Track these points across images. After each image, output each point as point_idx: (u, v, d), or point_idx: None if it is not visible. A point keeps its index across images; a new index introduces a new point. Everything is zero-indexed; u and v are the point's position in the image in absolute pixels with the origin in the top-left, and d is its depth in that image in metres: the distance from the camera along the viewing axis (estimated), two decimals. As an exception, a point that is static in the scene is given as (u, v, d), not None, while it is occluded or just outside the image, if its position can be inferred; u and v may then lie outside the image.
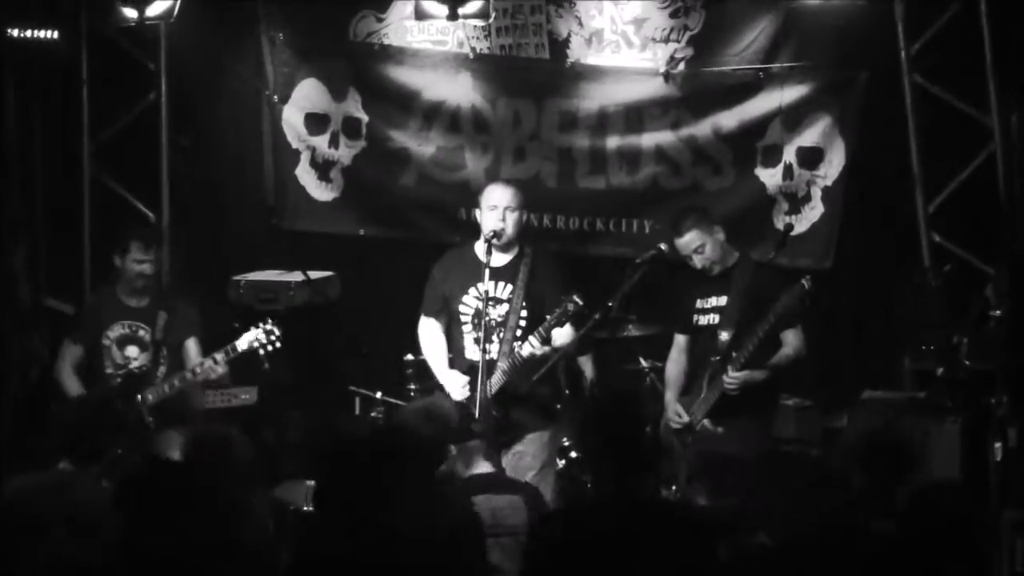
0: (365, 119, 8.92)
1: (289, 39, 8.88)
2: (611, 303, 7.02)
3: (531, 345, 6.96)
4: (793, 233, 8.15)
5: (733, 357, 7.12)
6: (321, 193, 9.02)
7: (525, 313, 7.15)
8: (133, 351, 7.62)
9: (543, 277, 7.24)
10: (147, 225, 8.72)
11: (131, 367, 7.56)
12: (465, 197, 8.66)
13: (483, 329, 6.96)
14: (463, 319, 7.24)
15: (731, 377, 7.11)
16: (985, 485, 7.04)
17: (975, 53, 8.16)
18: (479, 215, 7.32)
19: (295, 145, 8.98)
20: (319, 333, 8.78)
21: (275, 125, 8.98)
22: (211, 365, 7.43)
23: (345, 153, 8.95)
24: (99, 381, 7.54)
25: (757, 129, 8.66)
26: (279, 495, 7.05)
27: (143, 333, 7.62)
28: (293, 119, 8.95)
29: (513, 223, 7.21)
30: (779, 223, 8.59)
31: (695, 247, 7.31)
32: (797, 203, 8.67)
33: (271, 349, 7.49)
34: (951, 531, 4.51)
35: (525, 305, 7.16)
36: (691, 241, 7.31)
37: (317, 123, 8.94)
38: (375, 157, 8.94)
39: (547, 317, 6.94)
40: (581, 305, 6.87)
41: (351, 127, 8.93)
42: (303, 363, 8.73)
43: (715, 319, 7.32)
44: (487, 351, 6.97)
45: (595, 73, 8.75)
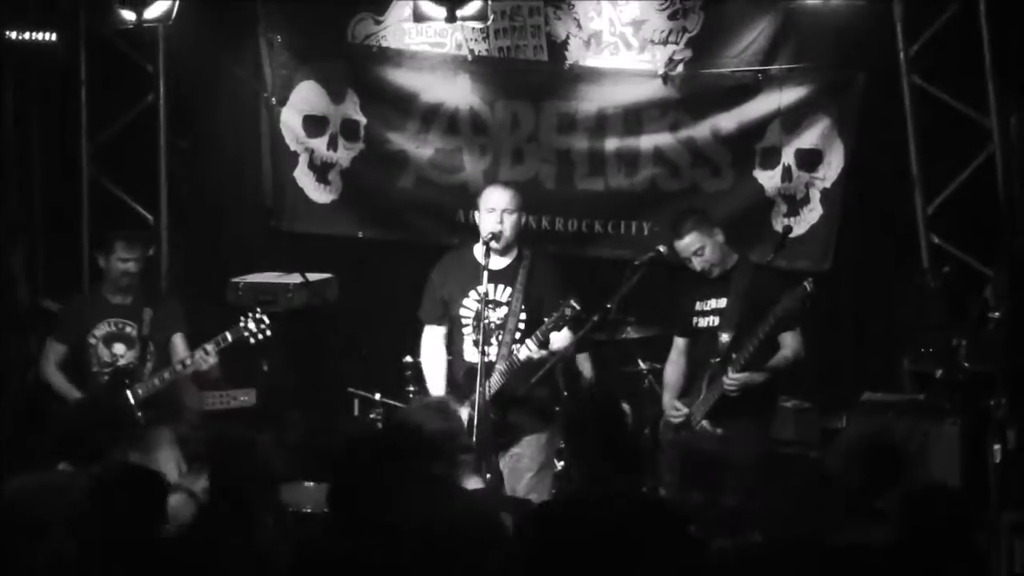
0: (363, 121, 8.92)
1: (287, 41, 8.88)
2: (610, 305, 7.01)
3: (528, 348, 6.95)
4: (792, 235, 8.13)
5: (733, 359, 7.11)
6: (319, 195, 9.02)
7: (524, 316, 7.14)
8: (120, 348, 7.61)
9: (542, 280, 7.23)
10: (145, 227, 8.73)
11: (118, 364, 7.55)
12: (463, 199, 8.66)
13: (481, 331, 6.94)
14: (463, 322, 7.23)
15: (731, 379, 7.10)
16: (984, 487, 7.03)
17: (974, 54, 8.15)
18: (477, 217, 7.32)
19: (293, 147, 8.98)
20: (317, 335, 8.78)
21: (273, 127, 8.99)
22: (202, 356, 7.42)
23: (343, 155, 8.95)
24: (86, 379, 7.53)
25: (756, 131, 8.65)
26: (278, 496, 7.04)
27: (129, 330, 7.61)
28: (291, 121, 8.95)
29: (511, 225, 7.20)
30: (778, 225, 8.58)
31: (695, 249, 7.30)
32: (796, 205, 8.66)
33: (261, 338, 7.48)
34: (947, 534, 4.51)
35: (524, 307, 7.15)
36: (691, 243, 7.30)
37: (315, 125, 8.94)
38: (373, 159, 8.94)
39: (545, 320, 6.94)
40: (578, 309, 6.85)
41: (349, 129, 8.93)
42: (302, 365, 8.74)
43: (715, 321, 7.31)
44: (486, 353, 6.96)
45: (594, 75, 8.74)
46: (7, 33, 8.29)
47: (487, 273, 7.03)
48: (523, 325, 7.12)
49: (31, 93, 8.73)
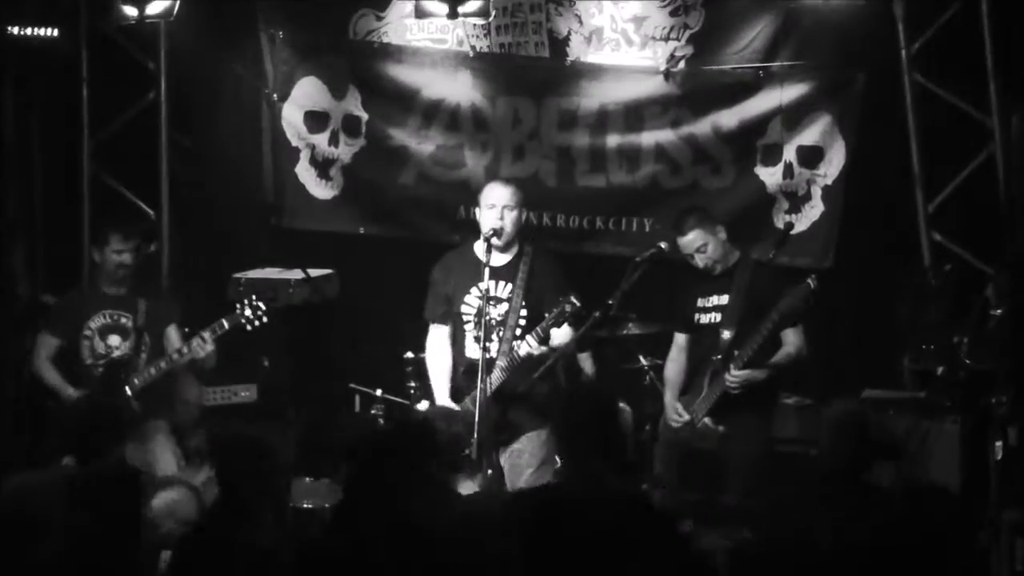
0: (365, 117, 8.91)
1: (289, 37, 8.88)
2: (611, 301, 7.02)
3: (528, 345, 6.96)
4: (793, 232, 8.15)
5: (735, 356, 7.12)
6: (321, 191, 9.02)
7: (524, 312, 7.15)
8: (115, 340, 7.61)
9: (542, 276, 7.23)
10: (145, 222, 8.73)
11: (113, 356, 7.55)
12: (465, 196, 8.66)
13: (483, 328, 6.95)
14: (465, 318, 7.23)
15: (733, 376, 7.10)
16: (985, 485, 7.03)
17: (975, 52, 8.14)
18: (478, 214, 7.32)
19: (295, 143, 8.98)
20: (318, 331, 8.78)
21: (275, 123, 8.98)
22: (199, 343, 7.42)
23: (345, 151, 8.95)
24: (80, 372, 7.52)
25: (757, 128, 8.65)
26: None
27: (125, 321, 7.61)
28: (293, 117, 8.95)
29: (512, 222, 7.20)
30: (779, 222, 8.59)
31: (697, 246, 7.32)
32: (797, 202, 8.66)
33: (258, 324, 7.48)
34: (946, 538, 4.48)
35: (524, 304, 7.15)
36: (693, 240, 7.32)
37: (317, 121, 8.94)
38: (375, 155, 8.94)
39: (546, 316, 6.94)
40: (578, 306, 6.85)
41: (351, 125, 8.92)
42: (303, 361, 8.74)
43: (716, 318, 7.32)
44: (487, 349, 6.96)
45: (595, 71, 8.74)
46: (8, 29, 8.29)
47: (488, 269, 7.03)
48: (524, 321, 7.13)
49: (32, 90, 8.74)
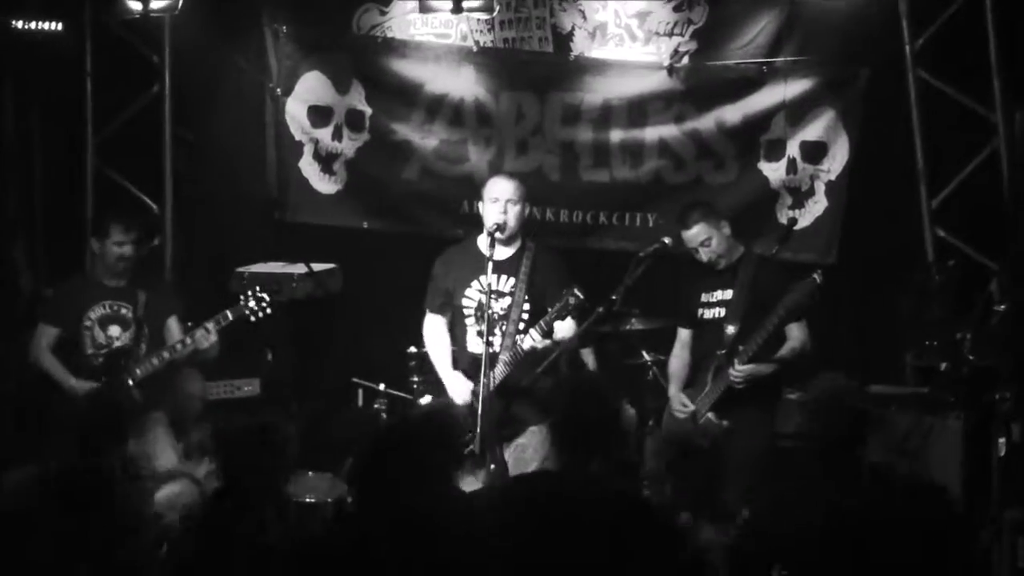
0: (369, 112, 8.91)
1: (292, 32, 8.88)
2: (614, 296, 7.02)
3: (532, 339, 6.96)
4: (797, 227, 8.16)
5: (740, 351, 7.11)
6: (324, 186, 9.03)
7: (527, 306, 7.16)
8: (115, 331, 7.60)
9: (545, 270, 7.24)
10: (147, 215, 8.73)
11: (113, 346, 7.55)
12: (468, 190, 8.67)
13: (486, 322, 6.95)
14: (466, 312, 7.24)
15: (737, 370, 7.10)
16: (987, 482, 7.02)
17: (980, 48, 8.14)
18: (481, 208, 7.32)
19: (298, 138, 8.98)
20: (322, 325, 8.78)
21: (278, 118, 8.98)
22: (203, 334, 7.40)
23: (349, 146, 8.95)
24: (79, 362, 7.52)
25: (761, 123, 8.65)
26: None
27: (125, 311, 7.60)
28: (296, 112, 8.95)
29: (515, 216, 7.22)
30: (783, 217, 8.59)
31: (701, 240, 7.32)
32: (801, 197, 8.66)
33: (262, 316, 7.46)
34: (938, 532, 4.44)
35: (527, 298, 7.16)
36: (698, 235, 7.32)
37: (320, 116, 8.94)
38: (378, 150, 8.94)
39: (549, 310, 6.94)
40: (581, 299, 6.86)
41: (355, 120, 8.93)
42: (306, 355, 8.74)
43: (721, 313, 7.32)
44: (490, 344, 6.96)
45: (598, 66, 8.73)
46: (13, 24, 8.30)
47: (491, 263, 7.04)
48: (527, 315, 7.14)
49: (36, 84, 8.74)
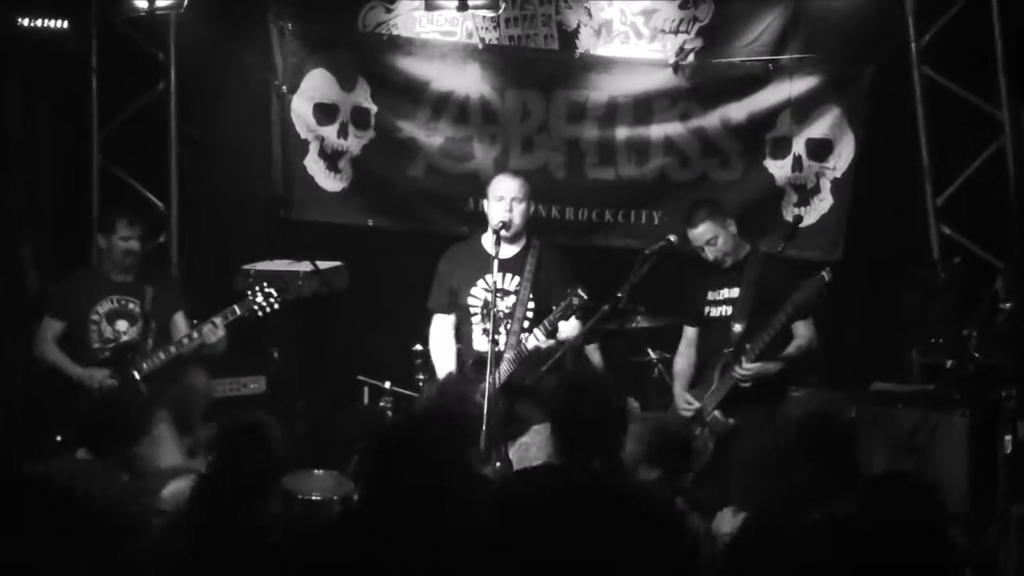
0: (374, 109, 8.91)
1: (298, 29, 8.88)
2: (620, 294, 7.01)
3: (536, 338, 6.96)
4: (802, 225, 8.16)
5: (747, 349, 7.11)
6: (330, 183, 9.03)
7: (532, 305, 7.16)
8: (123, 325, 7.61)
9: (550, 269, 7.24)
10: (153, 212, 8.74)
11: (121, 340, 7.56)
12: (473, 188, 8.66)
13: (491, 321, 6.95)
14: (472, 311, 7.24)
15: (744, 369, 7.10)
16: (994, 479, 7.02)
17: (985, 45, 8.13)
18: (486, 206, 7.32)
19: (304, 135, 8.98)
20: (327, 323, 8.79)
21: (284, 115, 8.98)
22: (211, 328, 7.41)
23: (354, 143, 8.96)
24: (85, 356, 7.53)
25: (766, 121, 8.64)
26: (286, 484, 7.05)
27: (132, 306, 7.62)
28: (302, 109, 8.95)
29: (520, 214, 7.22)
30: (788, 215, 8.58)
31: (708, 238, 7.31)
32: (806, 194, 8.65)
33: (270, 311, 7.47)
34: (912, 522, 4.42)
35: (532, 296, 7.16)
36: (704, 233, 7.31)
37: (326, 113, 8.94)
38: (384, 147, 8.94)
39: (553, 308, 6.94)
40: (585, 299, 6.85)
41: (360, 117, 8.93)
42: (311, 353, 8.75)
43: (727, 311, 7.31)
44: (495, 342, 6.96)
45: (604, 64, 8.73)
46: (19, 21, 8.30)
47: (496, 262, 7.04)
48: (531, 314, 7.14)
49: (42, 82, 8.74)
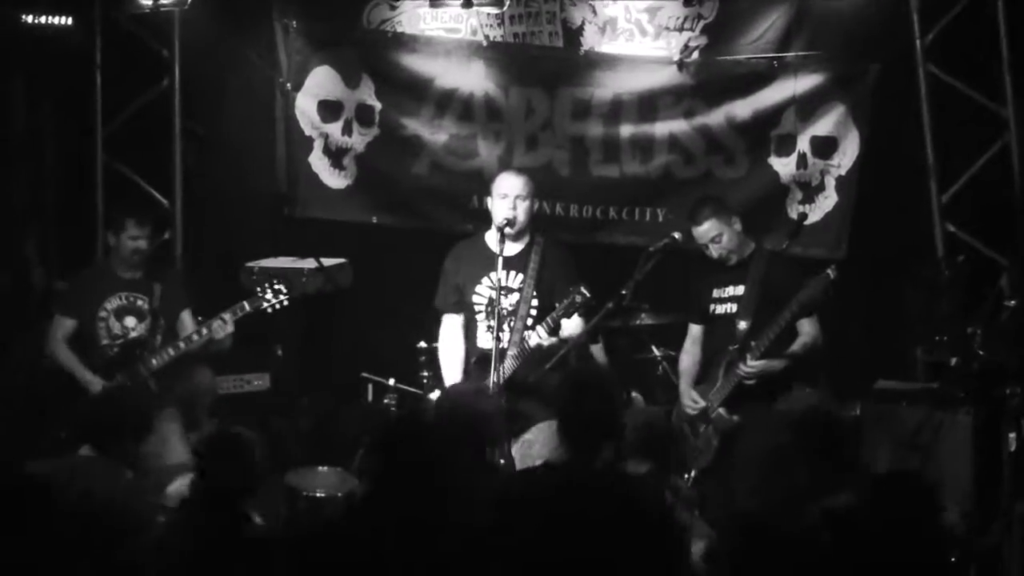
0: (378, 106, 8.91)
1: (302, 27, 8.87)
2: (624, 292, 7.00)
3: (539, 336, 6.96)
4: (807, 222, 8.15)
5: (752, 346, 7.11)
6: (334, 180, 9.02)
7: (536, 302, 7.16)
8: (131, 321, 7.63)
9: (553, 266, 7.24)
10: (159, 210, 8.75)
11: (129, 336, 7.57)
12: (478, 185, 8.66)
13: (496, 318, 6.95)
14: (476, 308, 7.25)
15: (749, 366, 7.10)
16: (998, 476, 7.02)
17: (990, 43, 8.12)
18: (490, 204, 7.32)
19: (308, 132, 8.98)
20: (331, 320, 8.79)
21: (288, 112, 8.97)
22: (220, 324, 7.43)
23: (358, 140, 8.95)
24: (94, 353, 7.54)
25: (771, 118, 8.63)
26: (290, 481, 7.07)
27: (141, 303, 7.63)
28: (306, 106, 8.94)
29: (524, 211, 7.22)
30: (793, 212, 8.58)
31: (712, 236, 7.31)
32: (811, 192, 8.64)
33: (279, 307, 7.48)
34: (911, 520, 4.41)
35: (535, 294, 7.17)
36: (708, 230, 7.31)
37: (330, 110, 8.94)
38: (388, 144, 8.93)
39: (556, 306, 6.94)
40: (588, 296, 6.85)
41: (364, 114, 8.92)
42: (316, 350, 8.75)
43: (732, 308, 7.31)
44: (500, 340, 6.95)
45: (609, 61, 8.72)
46: (23, 18, 8.31)
47: (500, 259, 7.04)
48: (535, 311, 7.14)
49: (46, 78, 8.75)
